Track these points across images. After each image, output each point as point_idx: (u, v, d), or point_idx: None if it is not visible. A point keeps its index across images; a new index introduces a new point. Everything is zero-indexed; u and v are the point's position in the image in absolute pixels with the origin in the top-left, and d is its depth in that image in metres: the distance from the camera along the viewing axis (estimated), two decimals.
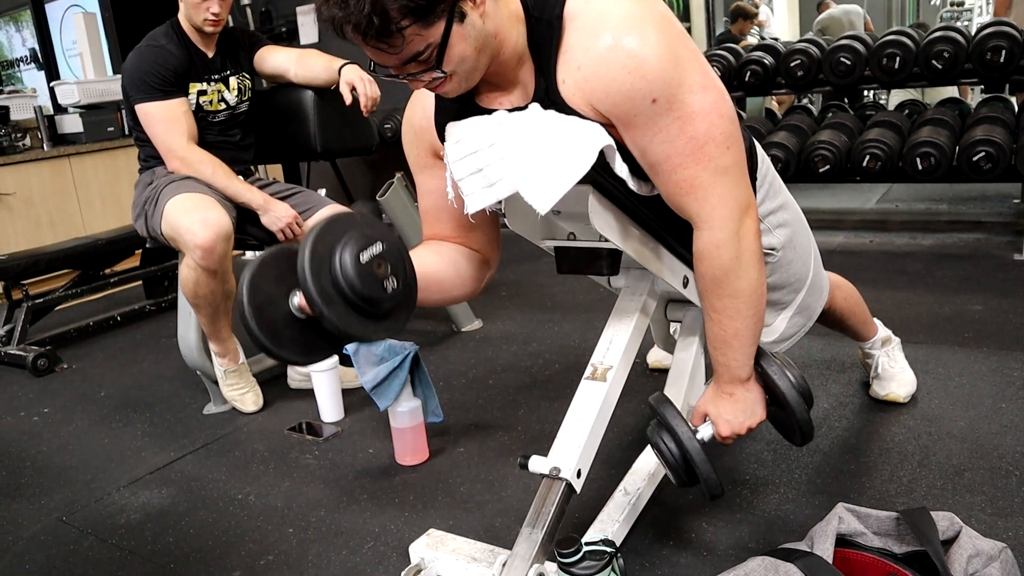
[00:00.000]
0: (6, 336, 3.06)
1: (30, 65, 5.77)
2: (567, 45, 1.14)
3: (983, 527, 1.42)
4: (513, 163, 1.16)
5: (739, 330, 1.27)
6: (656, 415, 1.34)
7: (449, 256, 1.43)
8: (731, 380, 1.32)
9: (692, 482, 1.32)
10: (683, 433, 1.29)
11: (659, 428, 1.33)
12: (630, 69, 1.09)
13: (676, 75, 1.11)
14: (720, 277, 1.23)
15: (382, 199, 2.54)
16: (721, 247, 1.20)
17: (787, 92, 4.09)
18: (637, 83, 1.10)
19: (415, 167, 1.42)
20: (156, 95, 2.21)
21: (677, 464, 1.31)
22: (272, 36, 4.94)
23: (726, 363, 1.30)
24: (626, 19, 1.11)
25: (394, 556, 1.55)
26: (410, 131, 1.39)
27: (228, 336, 2.28)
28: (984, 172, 3.20)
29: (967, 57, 3.34)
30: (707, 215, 1.20)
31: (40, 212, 4.30)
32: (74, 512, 1.86)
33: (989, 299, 2.62)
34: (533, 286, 3.28)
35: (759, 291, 1.26)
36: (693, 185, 1.17)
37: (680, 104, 1.12)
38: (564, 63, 1.15)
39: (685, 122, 1.13)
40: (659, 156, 1.16)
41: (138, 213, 2.28)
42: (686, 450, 1.29)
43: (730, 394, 1.33)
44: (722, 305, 1.25)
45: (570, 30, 1.14)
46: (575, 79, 1.14)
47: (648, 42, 1.09)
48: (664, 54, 1.10)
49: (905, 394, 1.94)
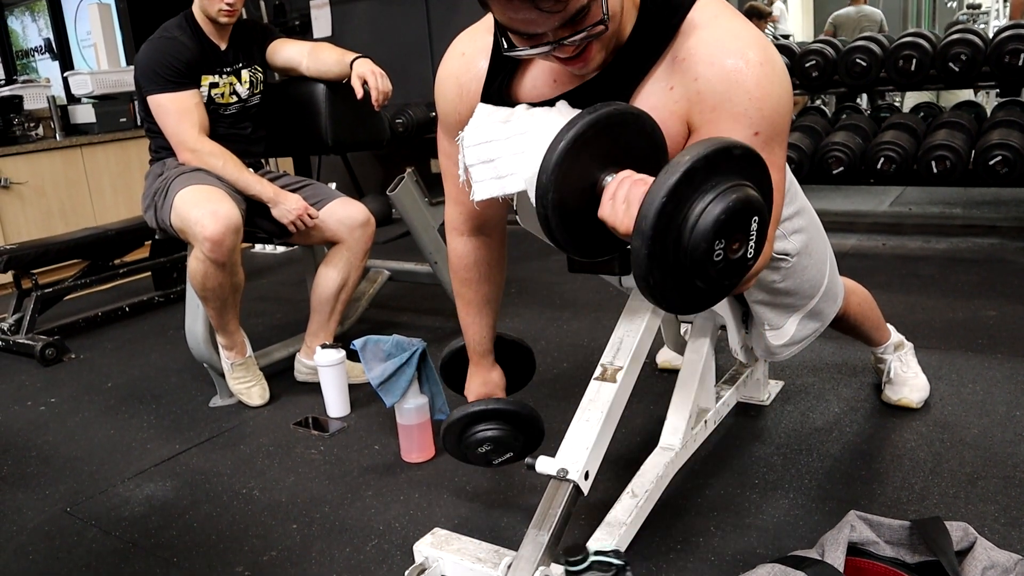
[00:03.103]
0: (15, 325, 3.06)
1: (45, 55, 5.79)
2: (685, 52, 1.11)
3: (996, 537, 1.40)
4: (527, 160, 1.14)
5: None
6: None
7: (496, 244, 1.52)
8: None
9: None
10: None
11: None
12: (753, 97, 1.07)
13: (784, 122, 1.11)
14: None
15: (392, 194, 2.53)
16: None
17: (801, 93, 4.06)
18: (752, 112, 1.08)
19: (450, 127, 1.37)
20: (168, 87, 2.20)
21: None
22: (285, 29, 4.94)
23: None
24: (761, 49, 1.08)
25: (398, 555, 1.53)
26: (454, 89, 1.33)
27: (235, 329, 2.27)
28: (1000, 176, 3.17)
29: (984, 60, 3.31)
30: None
31: (51, 202, 4.31)
32: (78, 503, 1.85)
33: (1003, 305, 2.59)
34: (542, 284, 3.26)
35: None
36: None
37: (771, 150, 1.11)
38: (675, 70, 1.12)
39: (769, 166, 1.10)
40: None
41: (148, 204, 2.28)
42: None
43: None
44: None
45: (692, 38, 1.11)
46: (687, 90, 1.11)
47: (775, 81, 1.08)
48: (784, 98, 1.10)
49: (918, 400, 1.91)
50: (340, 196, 2.39)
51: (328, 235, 2.33)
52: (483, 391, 1.57)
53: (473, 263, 1.51)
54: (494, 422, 1.45)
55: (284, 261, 4.30)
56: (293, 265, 4.09)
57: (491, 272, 1.53)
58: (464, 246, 1.50)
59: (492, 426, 1.45)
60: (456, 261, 1.52)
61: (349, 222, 2.31)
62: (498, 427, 1.45)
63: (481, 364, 1.59)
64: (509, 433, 1.45)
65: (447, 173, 1.45)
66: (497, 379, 1.60)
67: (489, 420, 1.45)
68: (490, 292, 1.54)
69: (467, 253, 1.51)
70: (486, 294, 1.54)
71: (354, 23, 4.92)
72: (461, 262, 1.52)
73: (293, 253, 4.25)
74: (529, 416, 1.46)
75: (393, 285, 3.02)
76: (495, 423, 1.45)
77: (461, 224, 1.49)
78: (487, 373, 1.60)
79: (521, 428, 1.46)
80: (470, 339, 1.57)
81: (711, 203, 0.98)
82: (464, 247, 1.50)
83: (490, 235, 1.51)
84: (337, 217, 2.32)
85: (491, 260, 1.52)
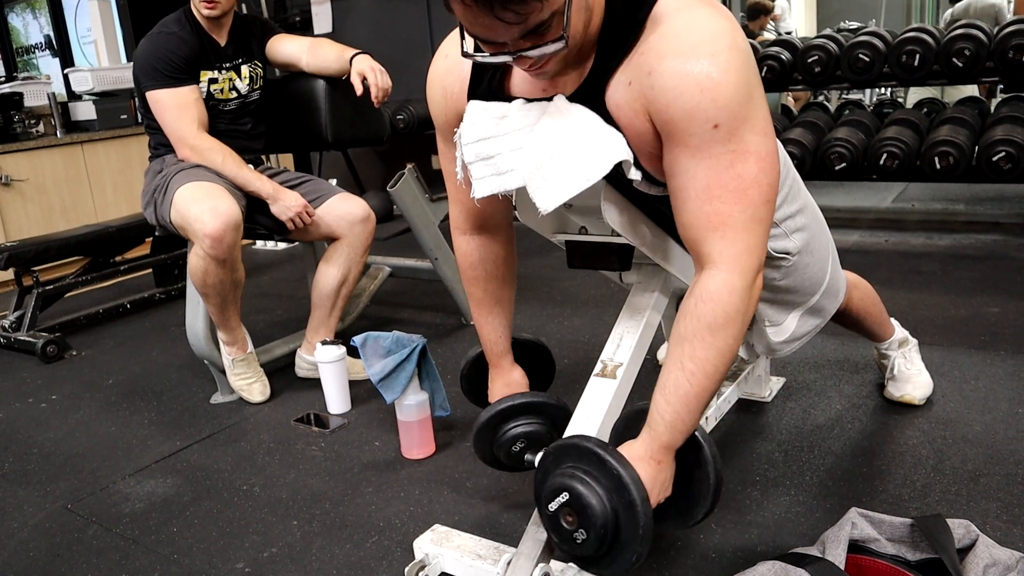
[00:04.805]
0: (16, 322, 3.06)
1: (45, 52, 5.78)
2: (644, 47, 1.09)
3: (998, 534, 1.40)
4: (526, 156, 1.14)
5: (706, 390, 1.14)
6: (578, 454, 1.16)
7: (502, 242, 1.51)
8: (665, 446, 1.17)
9: (606, 551, 1.14)
10: (637, 493, 1.10)
11: (584, 476, 1.14)
12: (703, 89, 1.04)
13: (745, 110, 1.07)
14: (720, 325, 1.12)
15: (393, 190, 2.53)
16: (734, 294, 1.12)
17: (804, 88, 4.04)
18: (705, 104, 1.05)
19: (442, 129, 1.38)
20: (167, 82, 2.20)
21: (604, 522, 1.12)
22: (286, 25, 4.93)
23: (673, 423, 1.15)
24: (714, 39, 1.06)
25: (398, 551, 1.53)
26: (439, 92, 1.34)
27: (236, 325, 2.27)
28: (1004, 172, 3.16)
29: (988, 55, 3.29)
30: (730, 258, 1.12)
31: (52, 199, 4.31)
32: (79, 500, 1.85)
33: (1006, 301, 2.58)
34: (543, 280, 3.26)
35: (735, 354, 1.17)
36: (725, 223, 1.10)
37: (740, 139, 1.08)
38: (634, 64, 1.10)
39: (738, 157, 1.08)
40: (699, 183, 1.10)
41: (148, 201, 2.28)
42: (635, 502, 1.09)
43: (659, 461, 1.18)
44: (706, 356, 1.13)
45: (652, 32, 1.09)
46: (642, 84, 1.09)
47: (730, 69, 1.05)
48: (741, 86, 1.06)
49: (921, 396, 1.91)
50: (340, 192, 2.39)
51: (328, 231, 2.33)
52: (507, 392, 1.53)
53: (478, 261, 1.51)
54: (524, 417, 1.42)
55: (285, 257, 4.30)
56: (294, 261, 4.09)
57: (497, 270, 1.52)
58: (467, 244, 1.50)
59: (523, 421, 1.42)
60: (461, 260, 1.52)
61: (349, 218, 2.31)
62: (529, 421, 1.42)
63: (500, 366, 1.57)
64: (541, 427, 1.42)
65: (446, 172, 1.45)
66: (519, 379, 1.58)
67: (519, 415, 1.42)
68: (498, 290, 1.53)
69: (470, 252, 1.50)
70: (494, 292, 1.53)
71: (354, 19, 4.91)
72: (466, 260, 1.51)
73: (294, 249, 4.24)
74: (558, 407, 1.43)
75: (394, 281, 3.02)
76: (526, 417, 1.42)
77: (463, 223, 1.49)
78: (508, 374, 1.57)
79: (553, 420, 1.42)
80: (486, 340, 1.56)
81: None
82: (467, 246, 1.50)
83: (494, 233, 1.50)
84: (337, 213, 2.31)
85: (496, 258, 1.51)
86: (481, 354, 1.60)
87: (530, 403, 1.43)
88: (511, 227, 1.53)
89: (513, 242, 1.54)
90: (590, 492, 1.12)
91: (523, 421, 1.42)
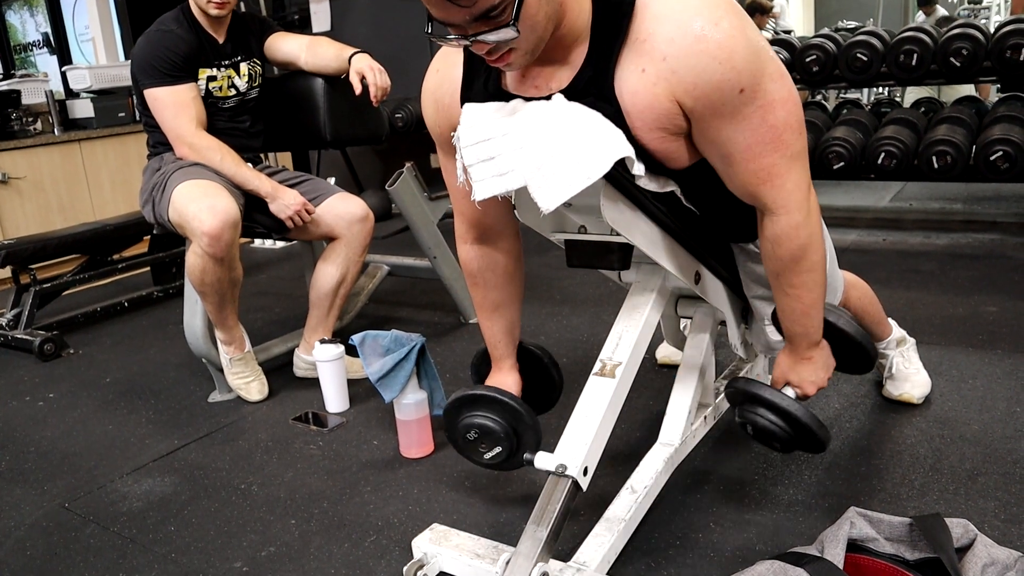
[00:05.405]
0: (13, 320, 3.06)
1: (43, 49, 5.77)
2: (645, 33, 1.12)
3: (996, 533, 1.40)
4: (526, 156, 1.13)
5: (816, 300, 1.33)
6: (745, 395, 1.41)
7: (504, 251, 1.54)
8: (809, 346, 1.39)
9: (796, 445, 1.41)
10: (786, 402, 1.36)
11: (752, 406, 1.40)
12: (720, 60, 1.09)
13: (759, 64, 1.12)
14: (800, 255, 1.27)
15: (391, 189, 2.52)
16: (800, 228, 1.24)
17: (802, 88, 4.04)
18: (728, 74, 1.10)
19: (442, 145, 1.41)
20: (165, 80, 2.19)
21: (785, 431, 1.38)
22: (284, 23, 4.92)
23: (804, 332, 1.37)
24: (709, 8, 1.09)
25: (396, 550, 1.53)
26: (432, 103, 1.36)
27: (234, 324, 2.27)
28: (1001, 172, 3.16)
29: (986, 55, 3.29)
30: (784, 200, 1.22)
31: (50, 197, 4.30)
32: (76, 499, 1.85)
33: (1004, 300, 2.59)
34: (542, 279, 3.26)
35: (826, 259, 1.33)
36: (771, 173, 1.20)
37: (763, 93, 1.14)
38: (641, 52, 1.12)
39: (767, 111, 1.15)
40: (740, 146, 1.17)
41: (146, 199, 2.27)
42: (794, 415, 1.36)
43: (809, 358, 1.41)
44: (801, 280, 1.30)
45: (646, 18, 1.11)
46: (659, 70, 1.12)
47: (734, 31, 1.09)
48: (748, 43, 1.11)
49: (919, 395, 1.91)
50: (339, 191, 2.38)
51: (326, 230, 2.32)
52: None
53: (477, 270, 1.55)
54: (485, 409, 1.42)
55: (283, 256, 4.30)
56: (292, 260, 4.08)
57: (497, 279, 1.55)
58: (467, 253, 1.55)
59: (482, 413, 1.42)
60: (464, 266, 1.58)
61: (348, 217, 2.31)
62: (488, 416, 1.42)
63: (498, 367, 1.63)
64: (498, 425, 1.41)
65: (449, 185, 1.48)
66: (511, 383, 1.61)
67: (480, 406, 1.43)
68: (499, 298, 1.57)
69: (470, 260, 1.55)
70: (495, 300, 1.57)
71: (353, 18, 4.90)
72: (467, 268, 1.57)
73: (292, 248, 4.24)
74: (522, 412, 1.41)
75: (392, 280, 3.02)
76: (486, 411, 1.42)
77: (465, 232, 1.53)
78: (503, 376, 1.62)
79: (513, 423, 1.42)
80: (486, 340, 1.62)
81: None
82: (467, 255, 1.55)
83: (495, 243, 1.53)
84: (335, 212, 2.31)
85: (497, 268, 1.54)
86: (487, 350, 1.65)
87: (489, 397, 1.43)
88: (516, 237, 1.55)
89: (517, 252, 1.56)
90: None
91: (479, 413, 1.43)
